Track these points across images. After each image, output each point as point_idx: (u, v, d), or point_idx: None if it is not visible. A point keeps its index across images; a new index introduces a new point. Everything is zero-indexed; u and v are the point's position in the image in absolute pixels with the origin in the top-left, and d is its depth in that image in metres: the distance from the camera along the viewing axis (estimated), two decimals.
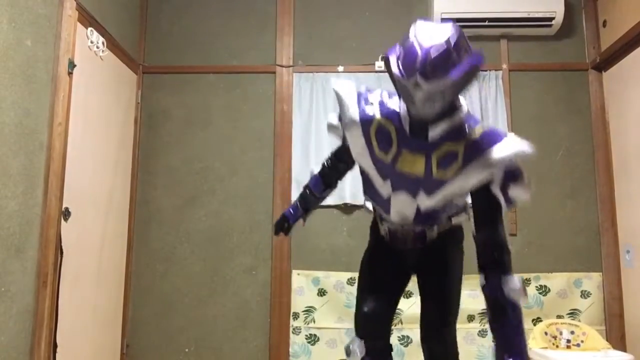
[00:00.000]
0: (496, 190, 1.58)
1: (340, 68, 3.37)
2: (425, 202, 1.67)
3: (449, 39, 1.44)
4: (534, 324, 3.03)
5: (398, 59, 1.46)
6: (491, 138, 1.57)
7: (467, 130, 1.58)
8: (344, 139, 1.81)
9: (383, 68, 1.49)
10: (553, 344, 2.81)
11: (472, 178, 1.57)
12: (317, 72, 3.36)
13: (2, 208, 2.02)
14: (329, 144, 3.03)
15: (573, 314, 3.08)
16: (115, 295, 3.08)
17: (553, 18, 3.21)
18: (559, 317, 3.06)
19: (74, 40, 2.50)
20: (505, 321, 1.52)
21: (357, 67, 3.35)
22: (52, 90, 2.36)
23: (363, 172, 1.80)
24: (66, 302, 2.45)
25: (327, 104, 3.31)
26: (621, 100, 3.08)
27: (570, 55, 3.37)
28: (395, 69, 1.45)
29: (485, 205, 1.62)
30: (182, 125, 3.39)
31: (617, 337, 3.04)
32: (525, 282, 3.13)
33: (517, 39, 3.38)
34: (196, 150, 3.36)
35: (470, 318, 3.10)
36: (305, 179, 2.15)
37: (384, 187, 1.72)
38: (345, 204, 3.21)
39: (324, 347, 3.06)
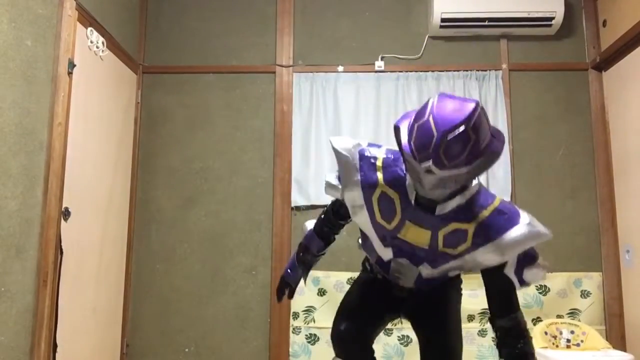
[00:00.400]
0: (510, 274, 1.47)
1: (340, 68, 3.37)
2: (429, 271, 1.56)
3: (469, 120, 1.24)
4: (534, 324, 3.03)
5: (410, 134, 1.30)
6: (504, 221, 1.43)
7: (478, 209, 1.44)
8: (344, 198, 1.65)
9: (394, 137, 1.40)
10: (553, 343, 2.81)
11: (483, 260, 1.46)
12: (317, 72, 3.36)
13: (2, 208, 2.02)
14: (329, 144, 3.02)
15: (573, 313, 3.08)
16: (115, 295, 3.08)
17: (553, 18, 3.21)
18: (559, 316, 3.06)
19: (73, 40, 2.50)
20: None
21: (357, 67, 3.35)
22: (52, 90, 2.36)
23: (362, 230, 1.67)
24: (66, 302, 2.45)
25: (327, 104, 3.31)
26: (621, 100, 3.08)
27: (570, 55, 3.37)
28: (406, 148, 1.30)
29: (499, 287, 1.51)
30: (182, 125, 3.39)
31: (617, 337, 3.04)
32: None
33: (517, 39, 3.38)
34: (196, 150, 3.36)
35: (470, 318, 3.10)
36: (306, 180, 2.12)
37: (384, 252, 1.59)
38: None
39: (324, 347, 3.06)
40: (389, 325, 3.08)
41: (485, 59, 3.38)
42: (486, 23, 3.24)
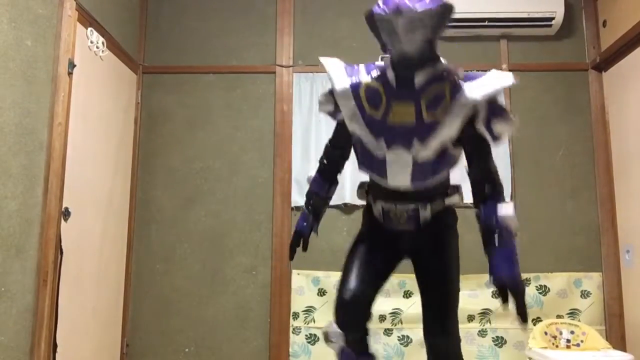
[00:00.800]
0: (481, 127, 1.67)
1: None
2: (421, 152, 1.69)
3: None
4: (534, 324, 3.03)
5: (378, 4, 1.65)
6: (474, 75, 1.72)
7: (451, 75, 1.72)
8: (336, 114, 1.87)
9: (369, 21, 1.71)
10: (553, 343, 2.81)
11: (460, 114, 1.65)
12: (317, 72, 3.36)
13: (2, 208, 2.02)
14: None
15: (573, 313, 3.08)
16: (115, 295, 3.08)
17: (553, 18, 3.21)
18: (558, 317, 3.06)
19: (74, 40, 2.50)
20: (500, 243, 1.62)
21: None
22: (52, 90, 2.36)
23: (357, 143, 1.81)
24: (66, 302, 2.45)
25: None
26: (621, 100, 3.08)
27: (570, 55, 3.37)
28: (378, 9, 1.63)
29: (474, 144, 1.72)
30: (182, 125, 3.39)
31: (617, 337, 3.03)
32: (526, 282, 3.13)
33: (517, 39, 3.38)
34: (196, 150, 3.36)
35: (470, 318, 3.10)
36: (305, 181, 2.12)
37: (378, 148, 1.74)
38: (345, 204, 3.21)
39: (324, 347, 3.03)
40: (389, 326, 3.10)
41: (485, 59, 3.38)
42: (486, 23, 3.24)
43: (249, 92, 3.41)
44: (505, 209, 1.67)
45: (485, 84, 1.67)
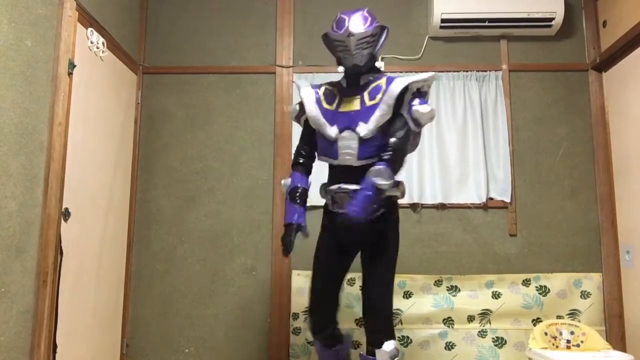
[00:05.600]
0: (403, 111, 2.21)
1: (340, 68, 3.32)
2: (364, 129, 2.20)
3: (364, 11, 2.24)
4: (534, 324, 3.03)
5: (332, 28, 2.27)
6: (393, 77, 2.26)
7: (387, 76, 2.28)
8: (301, 116, 2.42)
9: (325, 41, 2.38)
10: (553, 344, 2.81)
11: (390, 100, 2.18)
12: (317, 72, 3.36)
13: (2, 208, 2.02)
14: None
15: (573, 314, 3.08)
16: (115, 295, 3.08)
17: (553, 18, 3.21)
18: (559, 317, 3.06)
19: (74, 40, 2.50)
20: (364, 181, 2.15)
21: None
22: (52, 90, 2.36)
23: (317, 135, 2.32)
24: (66, 302, 2.46)
25: None
26: (621, 101, 3.08)
27: (570, 55, 3.38)
28: (333, 33, 2.25)
29: (395, 122, 2.21)
30: (182, 125, 3.39)
31: (617, 337, 3.04)
32: (525, 282, 3.14)
33: (517, 39, 3.38)
34: (196, 150, 3.36)
35: (470, 318, 3.10)
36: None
37: (332, 130, 2.26)
38: None
39: None
40: None
41: (485, 59, 3.38)
42: (486, 24, 3.24)
43: (249, 92, 3.41)
44: (378, 165, 2.14)
45: (410, 78, 2.21)
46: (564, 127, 3.31)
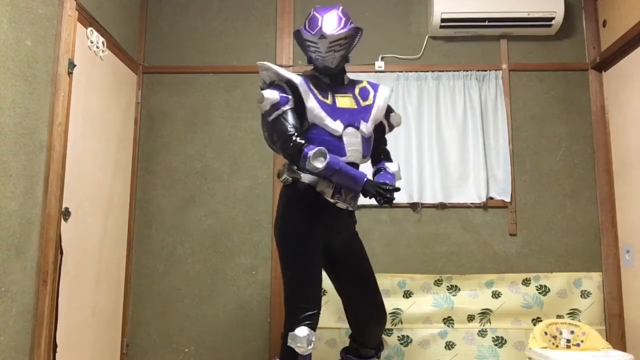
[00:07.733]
0: (384, 120, 2.39)
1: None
2: (364, 128, 2.24)
3: (338, 10, 2.20)
4: (534, 324, 3.03)
5: (305, 27, 2.18)
6: (375, 83, 2.43)
7: (362, 79, 2.45)
8: (284, 102, 2.14)
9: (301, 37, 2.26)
10: (553, 343, 2.81)
11: (382, 100, 2.33)
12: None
13: (2, 208, 2.02)
14: None
15: (573, 313, 3.08)
16: (115, 295, 3.08)
17: (553, 18, 3.21)
18: (559, 317, 3.06)
19: (74, 40, 2.50)
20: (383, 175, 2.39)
21: (356, 67, 3.35)
22: (52, 90, 2.36)
23: (314, 129, 2.17)
24: (66, 301, 2.46)
25: None
26: (621, 100, 3.08)
27: (570, 55, 3.38)
28: (305, 32, 2.16)
29: (379, 134, 2.41)
30: (182, 125, 3.39)
31: (617, 337, 3.04)
32: (526, 282, 3.13)
33: (517, 39, 3.38)
34: (196, 150, 3.36)
35: (470, 318, 3.10)
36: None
37: (337, 125, 2.17)
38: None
39: (324, 347, 3.06)
40: (389, 325, 3.10)
41: (485, 59, 3.38)
42: (486, 23, 3.24)
43: (249, 92, 3.41)
44: (393, 166, 2.39)
45: (387, 87, 2.40)
46: (564, 127, 3.31)
